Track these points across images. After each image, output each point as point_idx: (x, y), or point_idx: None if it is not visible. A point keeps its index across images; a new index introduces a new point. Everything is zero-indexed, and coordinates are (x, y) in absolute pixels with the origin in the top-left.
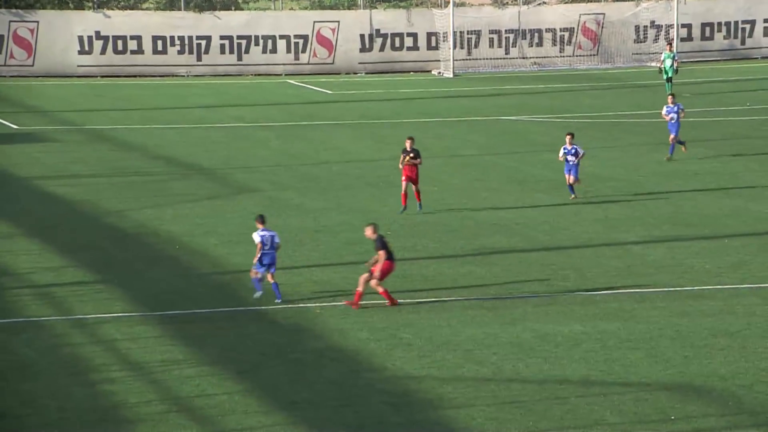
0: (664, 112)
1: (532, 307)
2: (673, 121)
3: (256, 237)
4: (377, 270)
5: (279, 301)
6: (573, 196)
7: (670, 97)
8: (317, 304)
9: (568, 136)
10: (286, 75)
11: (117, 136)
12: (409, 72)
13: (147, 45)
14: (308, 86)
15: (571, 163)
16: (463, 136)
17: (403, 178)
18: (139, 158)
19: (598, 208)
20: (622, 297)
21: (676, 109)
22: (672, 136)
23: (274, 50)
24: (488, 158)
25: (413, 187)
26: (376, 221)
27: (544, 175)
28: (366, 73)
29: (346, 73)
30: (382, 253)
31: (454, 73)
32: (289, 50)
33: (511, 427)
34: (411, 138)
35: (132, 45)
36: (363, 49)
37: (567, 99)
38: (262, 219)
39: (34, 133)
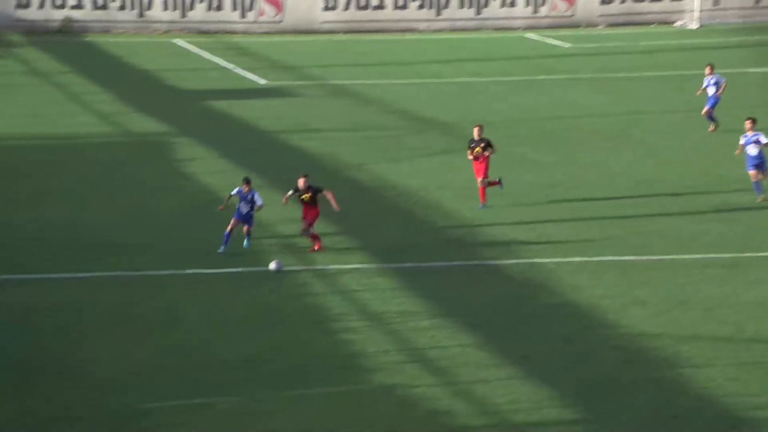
0: (704, 84)
1: None
2: (710, 94)
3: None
4: (314, 217)
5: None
6: (761, 197)
7: (708, 67)
8: (551, 260)
9: (749, 122)
10: (524, 29)
11: (357, 91)
12: (651, 24)
13: (388, 0)
14: (546, 40)
15: (752, 155)
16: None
17: (475, 173)
18: (377, 113)
19: None
20: None
21: (713, 80)
22: (706, 108)
23: (512, 4)
24: (731, 112)
25: (479, 179)
26: (612, 177)
27: None
28: (606, 26)
29: (586, 26)
30: (327, 192)
31: (699, 24)
32: (527, 4)
33: (753, 389)
34: (480, 126)
35: (373, 0)
36: (603, 1)
37: None
38: (247, 181)
39: (279, 87)
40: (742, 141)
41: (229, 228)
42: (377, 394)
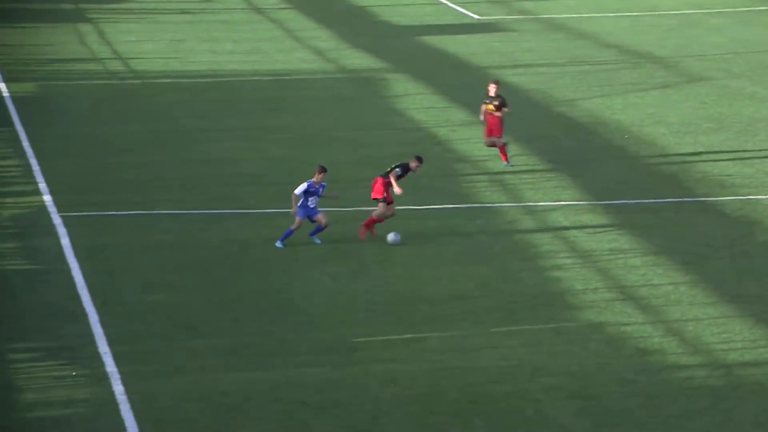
0: None
1: None
2: None
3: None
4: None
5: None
6: None
7: None
8: None
9: None
10: None
11: (571, 25)
12: None
13: None
14: None
15: None
16: None
17: (485, 132)
18: (591, 47)
19: None
20: None
21: None
22: None
23: None
24: None
25: (496, 141)
26: None
27: None
28: None
29: None
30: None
31: None
32: None
33: None
34: (496, 82)
35: None
36: None
37: None
38: (322, 169)
39: (493, 22)
40: None
41: (294, 227)
42: (586, 331)
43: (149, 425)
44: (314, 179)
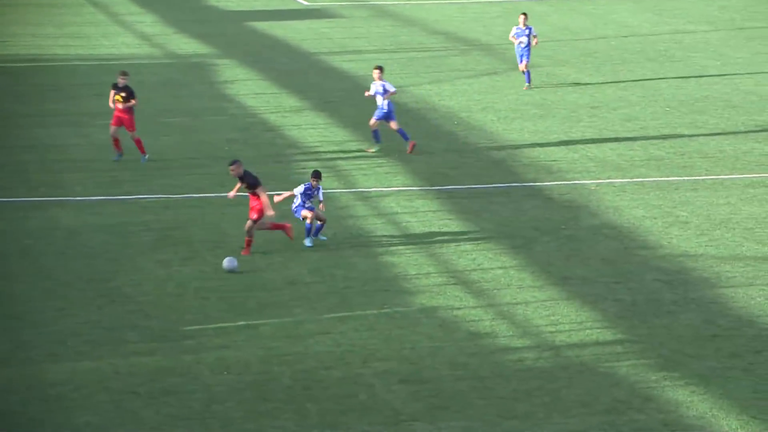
0: (512, 34)
1: None
2: (523, 45)
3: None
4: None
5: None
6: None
7: (522, 16)
8: (593, 181)
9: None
10: None
11: (399, 12)
12: None
13: None
14: None
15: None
16: (751, 8)
17: (113, 121)
18: (418, 33)
19: None
20: None
21: (527, 32)
22: (525, 62)
23: None
24: None
25: (129, 134)
26: (654, 97)
27: None
28: None
29: None
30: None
31: None
32: None
33: None
34: (124, 72)
35: None
36: None
37: None
38: (317, 175)
39: (322, 9)
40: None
41: (309, 220)
42: (418, 315)
43: None
44: (312, 183)
